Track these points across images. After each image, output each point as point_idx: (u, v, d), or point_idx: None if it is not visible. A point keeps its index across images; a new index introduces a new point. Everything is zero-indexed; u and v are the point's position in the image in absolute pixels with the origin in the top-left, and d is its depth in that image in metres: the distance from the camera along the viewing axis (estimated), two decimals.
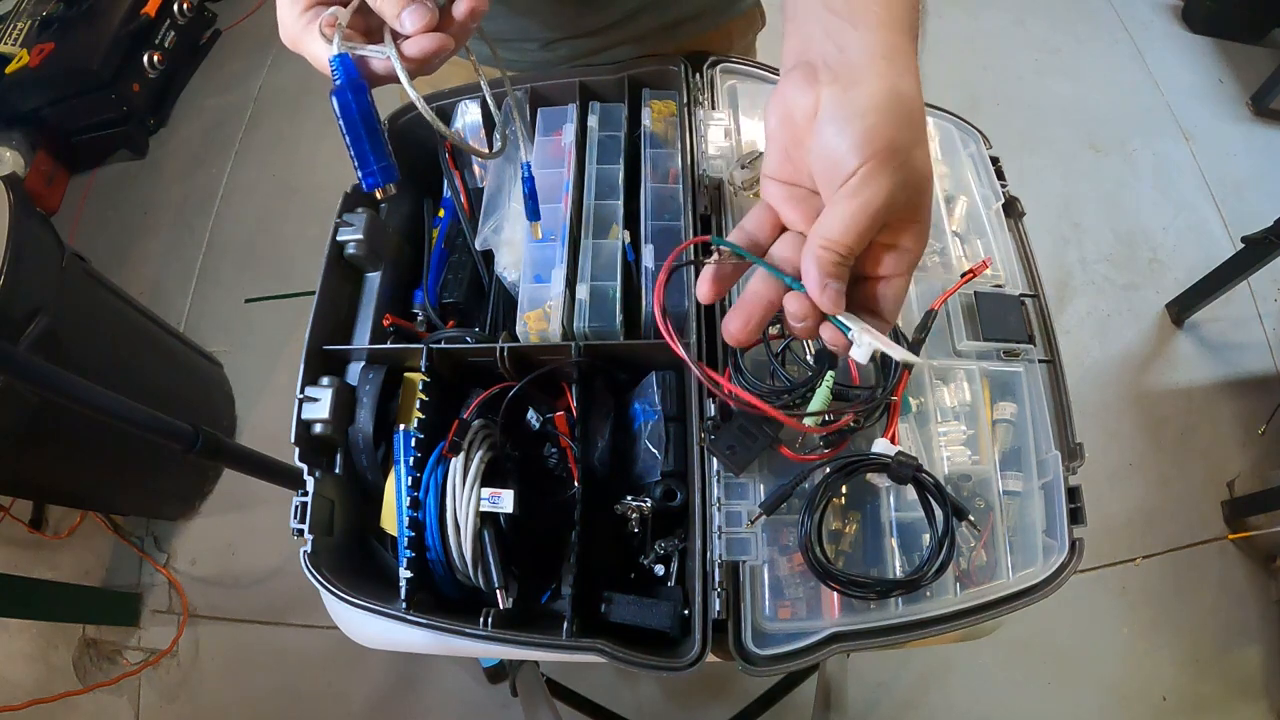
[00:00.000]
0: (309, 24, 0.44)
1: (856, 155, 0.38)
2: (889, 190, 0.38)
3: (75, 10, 1.94)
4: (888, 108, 0.38)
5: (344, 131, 0.44)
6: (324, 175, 1.98)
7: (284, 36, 0.47)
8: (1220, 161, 1.97)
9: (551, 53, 0.74)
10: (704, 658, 0.50)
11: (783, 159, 0.43)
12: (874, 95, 0.38)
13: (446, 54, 0.44)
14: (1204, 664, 1.43)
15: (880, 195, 0.38)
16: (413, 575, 0.54)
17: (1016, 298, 0.63)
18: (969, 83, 2.10)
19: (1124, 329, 1.76)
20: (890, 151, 0.38)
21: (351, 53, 0.43)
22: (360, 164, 0.45)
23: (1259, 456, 1.59)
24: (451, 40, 0.44)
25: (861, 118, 0.38)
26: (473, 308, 0.70)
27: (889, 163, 0.38)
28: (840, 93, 0.39)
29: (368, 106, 0.44)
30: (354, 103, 0.43)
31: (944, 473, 0.56)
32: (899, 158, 0.38)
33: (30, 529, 1.62)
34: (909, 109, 0.39)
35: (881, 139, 0.38)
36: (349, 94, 0.43)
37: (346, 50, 0.43)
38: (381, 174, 0.45)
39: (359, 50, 0.44)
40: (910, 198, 0.39)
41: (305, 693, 1.47)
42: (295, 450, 0.58)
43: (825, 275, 0.39)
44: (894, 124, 0.38)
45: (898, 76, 0.39)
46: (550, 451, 0.63)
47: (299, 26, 0.45)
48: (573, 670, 1.29)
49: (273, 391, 1.74)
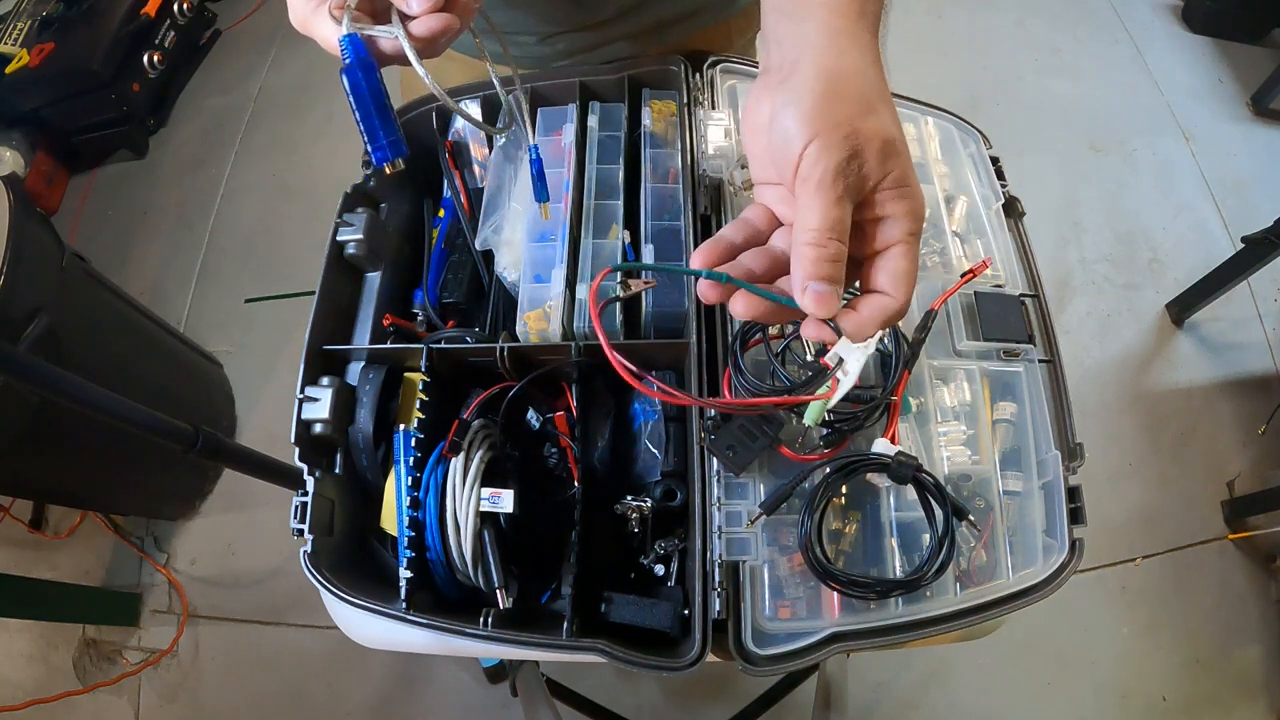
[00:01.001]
0: (318, 6, 0.45)
1: (800, 138, 0.38)
2: (838, 162, 0.37)
3: (75, 10, 1.94)
4: (823, 87, 0.39)
5: (354, 107, 0.45)
6: (324, 175, 1.98)
7: (293, 19, 0.47)
8: (1220, 161, 1.97)
9: (549, 47, 0.74)
10: (704, 658, 0.50)
11: (762, 165, 0.45)
12: (807, 79, 0.39)
13: (453, 34, 0.45)
14: (1204, 664, 1.43)
15: (830, 169, 0.37)
16: (413, 575, 0.54)
17: (1016, 298, 0.63)
18: (969, 83, 2.10)
19: (1124, 329, 1.76)
20: (831, 126, 0.38)
21: (360, 33, 0.45)
22: (370, 139, 0.46)
23: (1259, 456, 1.59)
24: (457, 20, 0.45)
25: (798, 102, 0.39)
26: (473, 308, 0.70)
27: (831, 136, 0.38)
28: (781, 84, 0.40)
29: (376, 84, 0.45)
30: (364, 80, 0.45)
31: (944, 473, 0.56)
32: (841, 130, 0.38)
33: (30, 529, 1.62)
34: (848, 82, 0.39)
35: (820, 116, 0.38)
36: (358, 72, 0.45)
37: (355, 30, 0.44)
38: (391, 148, 0.47)
39: (367, 30, 0.45)
40: (872, 165, 0.38)
41: (305, 693, 1.46)
42: (295, 450, 0.58)
43: (807, 276, 0.38)
44: (830, 99, 0.38)
45: (837, 56, 0.40)
46: (550, 451, 0.63)
47: (308, 9, 0.46)
48: (573, 670, 1.29)
49: (273, 391, 1.74)
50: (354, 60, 0.44)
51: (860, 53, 0.41)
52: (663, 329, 0.62)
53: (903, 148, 0.40)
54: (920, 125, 0.72)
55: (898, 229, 0.39)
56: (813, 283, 0.38)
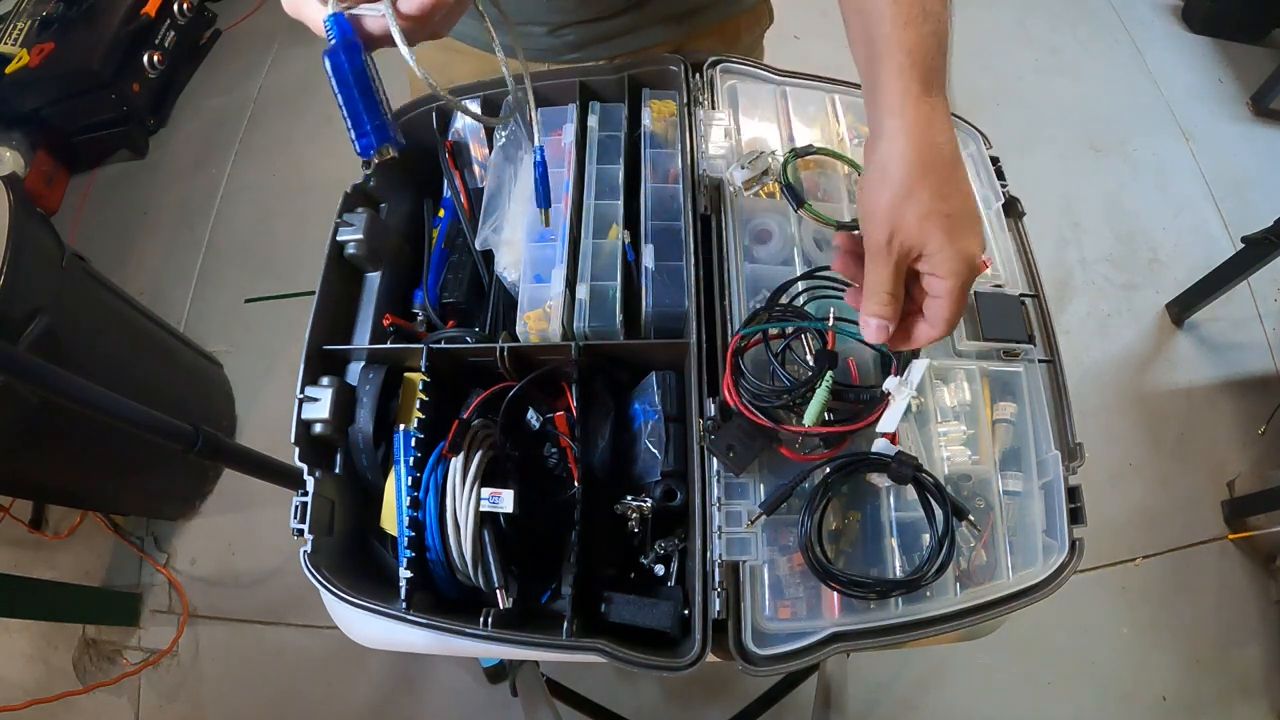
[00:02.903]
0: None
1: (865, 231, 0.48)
2: (878, 246, 0.46)
3: (75, 10, 1.94)
4: (869, 180, 0.47)
5: (336, 91, 0.43)
6: (324, 175, 1.98)
7: (285, 4, 0.46)
8: (1220, 161, 1.97)
9: (559, 39, 0.74)
10: (704, 657, 0.50)
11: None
12: (866, 171, 0.48)
13: (447, 13, 0.43)
14: (1204, 664, 1.43)
15: (875, 255, 0.47)
16: (413, 575, 0.54)
17: (1016, 298, 0.63)
18: (969, 83, 2.10)
19: (1124, 329, 1.76)
20: (870, 219, 0.47)
21: (346, 13, 0.42)
22: (354, 125, 0.43)
23: (1259, 456, 1.59)
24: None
25: (859, 201, 0.49)
26: (473, 308, 0.70)
27: (872, 227, 0.47)
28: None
29: (360, 65, 0.43)
30: (346, 62, 0.42)
31: (944, 473, 0.56)
32: (876, 219, 0.46)
33: (30, 529, 1.62)
34: (885, 170, 0.46)
35: (865, 212, 0.47)
36: (341, 54, 0.42)
37: (341, 10, 0.42)
38: (376, 134, 0.43)
39: (354, 10, 0.42)
40: (914, 240, 0.46)
41: (305, 693, 1.46)
42: (295, 450, 0.58)
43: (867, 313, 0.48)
44: (873, 192, 0.47)
45: (886, 140, 0.46)
46: (550, 451, 0.63)
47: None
48: (573, 670, 1.29)
49: (273, 391, 1.74)
50: (339, 41, 0.42)
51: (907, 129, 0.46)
52: (663, 329, 0.62)
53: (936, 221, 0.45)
54: None
55: (938, 287, 0.47)
56: (870, 318, 0.48)
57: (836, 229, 0.62)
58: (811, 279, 0.60)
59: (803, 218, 0.64)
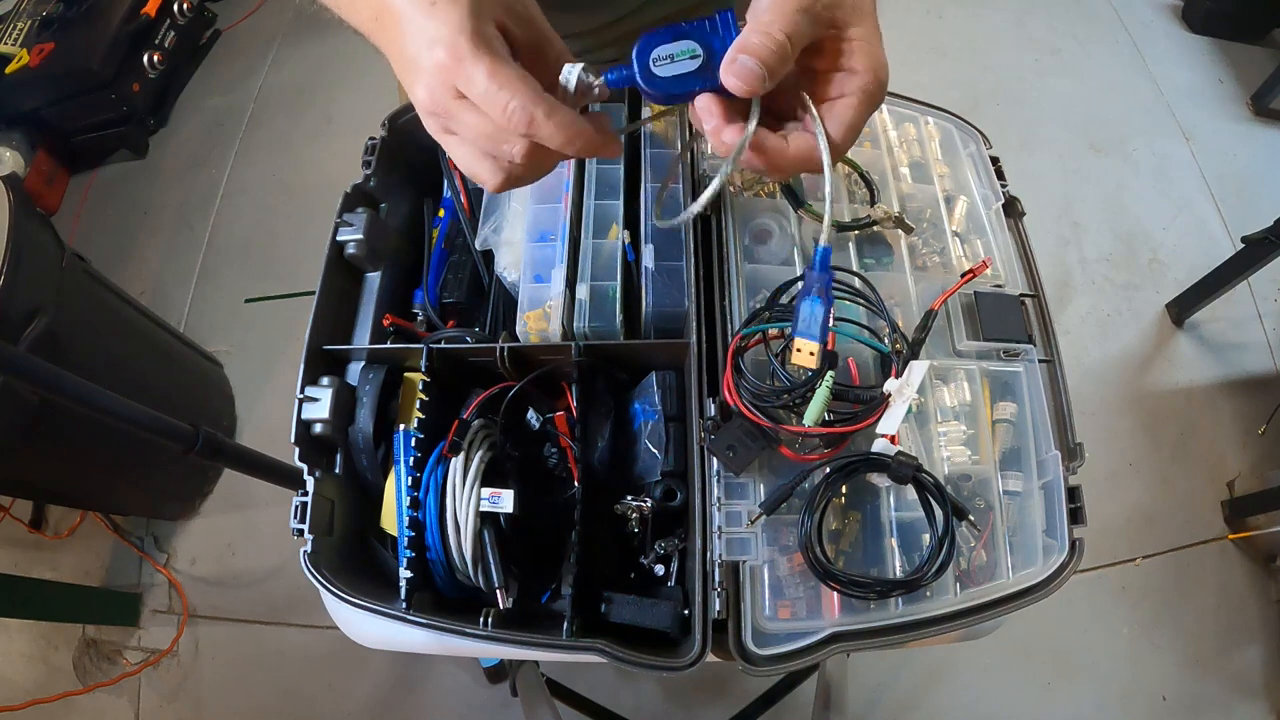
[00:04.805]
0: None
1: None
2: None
3: (75, 10, 1.94)
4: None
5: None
6: (324, 175, 1.98)
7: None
8: (1220, 161, 1.97)
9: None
10: (704, 658, 0.50)
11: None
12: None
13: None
14: (1204, 664, 1.43)
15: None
16: (413, 575, 0.54)
17: (1016, 298, 0.63)
18: (969, 83, 2.10)
19: (1124, 329, 1.76)
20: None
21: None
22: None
23: (1259, 456, 1.59)
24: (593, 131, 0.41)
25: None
26: (473, 308, 0.70)
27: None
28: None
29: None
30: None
31: (944, 473, 0.56)
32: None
33: (30, 529, 1.62)
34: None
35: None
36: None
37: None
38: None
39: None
40: (844, 11, 0.38)
41: (305, 693, 1.46)
42: (295, 450, 0.58)
43: (741, 48, 0.37)
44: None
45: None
46: (550, 451, 0.63)
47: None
48: (573, 670, 1.29)
49: (273, 391, 1.74)
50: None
51: None
52: (663, 329, 0.62)
53: (872, 9, 0.39)
54: (920, 125, 0.72)
55: (854, 82, 0.39)
56: (743, 55, 0.37)
57: (837, 230, 0.62)
58: None
59: (802, 218, 0.64)
